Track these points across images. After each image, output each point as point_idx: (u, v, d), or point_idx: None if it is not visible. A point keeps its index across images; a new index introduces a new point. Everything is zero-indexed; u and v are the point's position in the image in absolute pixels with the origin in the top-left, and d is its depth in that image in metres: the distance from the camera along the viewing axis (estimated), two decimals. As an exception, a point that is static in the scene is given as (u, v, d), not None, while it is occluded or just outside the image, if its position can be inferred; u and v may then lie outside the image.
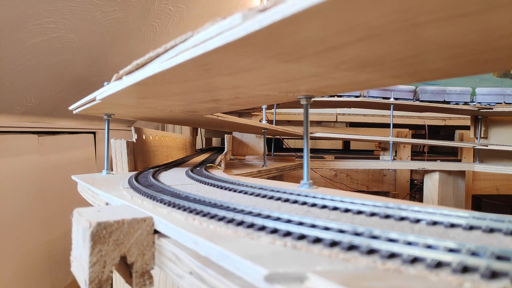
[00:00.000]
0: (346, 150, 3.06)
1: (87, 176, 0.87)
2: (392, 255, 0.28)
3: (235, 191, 0.61)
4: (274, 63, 0.39)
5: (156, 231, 0.44)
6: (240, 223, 0.38)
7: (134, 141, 1.03)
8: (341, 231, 0.33)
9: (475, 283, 0.23)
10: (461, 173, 2.01)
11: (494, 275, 0.24)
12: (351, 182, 2.24)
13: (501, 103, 1.98)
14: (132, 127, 1.06)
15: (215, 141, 3.00)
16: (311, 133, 1.90)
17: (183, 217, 0.42)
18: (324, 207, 0.46)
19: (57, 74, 1.34)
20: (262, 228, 0.36)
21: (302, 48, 0.33)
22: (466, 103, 2.00)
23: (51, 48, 1.17)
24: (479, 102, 2.00)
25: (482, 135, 2.04)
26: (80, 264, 0.41)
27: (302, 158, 0.78)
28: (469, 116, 2.11)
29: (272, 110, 2.12)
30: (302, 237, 0.33)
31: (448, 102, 2.01)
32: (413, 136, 2.41)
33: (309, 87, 0.55)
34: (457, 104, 2.00)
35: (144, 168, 1.03)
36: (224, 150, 1.57)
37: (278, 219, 0.38)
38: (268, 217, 0.39)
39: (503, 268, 0.24)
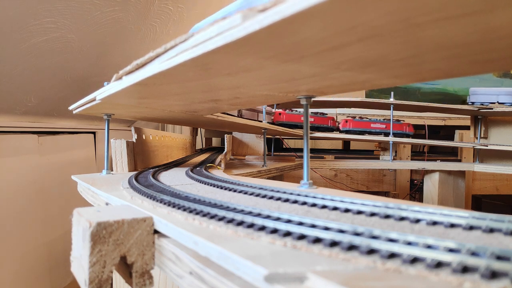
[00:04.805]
0: (346, 150, 3.06)
1: (87, 176, 0.87)
2: (392, 255, 0.28)
3: (235, 191, 0.61)
4: (274, 63, 0.39)
5: (156, 231, 0.44)
6: (240, 223, 0.38)
7: (134, 141, 1.03)
8: (341, 231, 0.33)
9: (475, 283, 0.23)
10: (461, 173, 2.01)
11: (494, 275, 0.24)
12: (351, 182, 2.24)
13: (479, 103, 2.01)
14: (132, 127, 1.06)
15: (215, 141, 2.99)
16: (311, 133, 1.90)
17: (183, 217, 0.42)
18: (324, 207, 0.46)
19: (57, 74, 1.34)
20: (262, 228, 0.36)
21: (302, 49, 0.33)
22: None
23: (51, 48, 1.17)
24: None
25: (482, 135, 2.04)
26: (80, 264, 0.41)
27: (302, 158, 0.78)
28: (469, 116, 2.11)
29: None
30: (302, 237, 0.33)
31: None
32: (413, 136, 2.41)
33: (309, 87, 0.55)
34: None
35: (144, 168, 1.03)
36: (224, 150, 1.57)
37: (278, 219, 0.38)
38: (268, 217, 0.39)
39: (503, 268, 0.24)
